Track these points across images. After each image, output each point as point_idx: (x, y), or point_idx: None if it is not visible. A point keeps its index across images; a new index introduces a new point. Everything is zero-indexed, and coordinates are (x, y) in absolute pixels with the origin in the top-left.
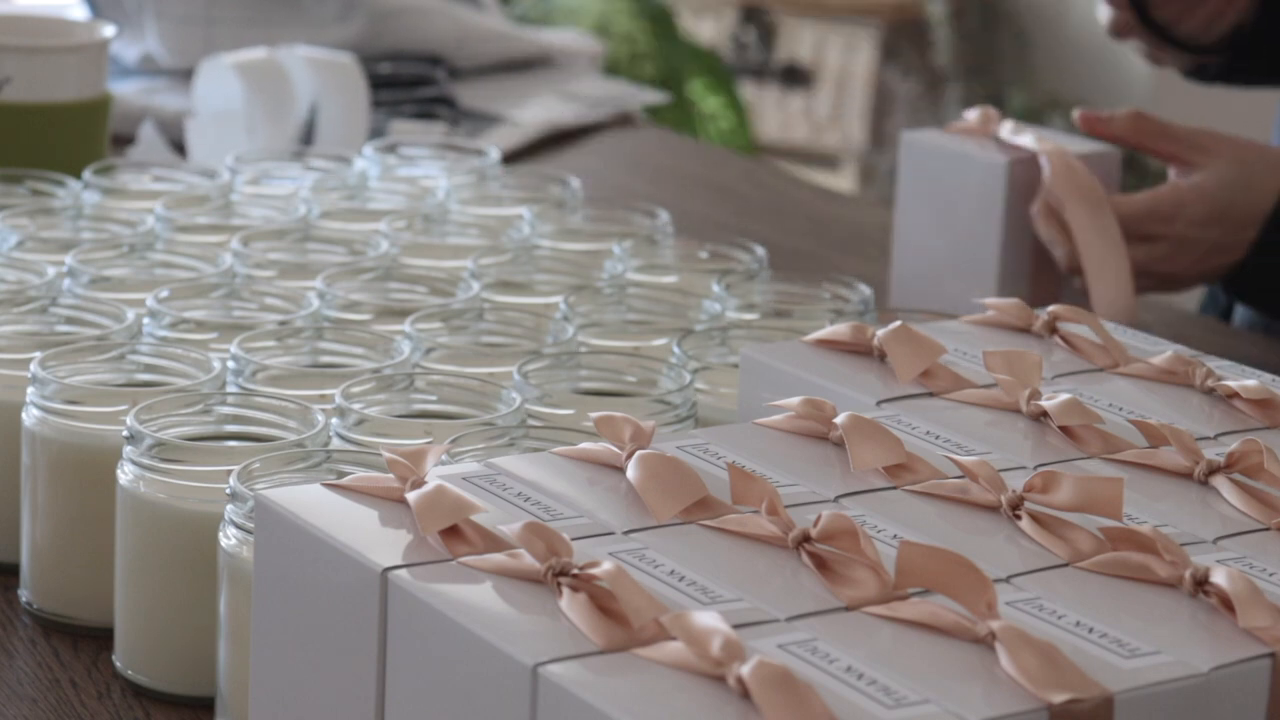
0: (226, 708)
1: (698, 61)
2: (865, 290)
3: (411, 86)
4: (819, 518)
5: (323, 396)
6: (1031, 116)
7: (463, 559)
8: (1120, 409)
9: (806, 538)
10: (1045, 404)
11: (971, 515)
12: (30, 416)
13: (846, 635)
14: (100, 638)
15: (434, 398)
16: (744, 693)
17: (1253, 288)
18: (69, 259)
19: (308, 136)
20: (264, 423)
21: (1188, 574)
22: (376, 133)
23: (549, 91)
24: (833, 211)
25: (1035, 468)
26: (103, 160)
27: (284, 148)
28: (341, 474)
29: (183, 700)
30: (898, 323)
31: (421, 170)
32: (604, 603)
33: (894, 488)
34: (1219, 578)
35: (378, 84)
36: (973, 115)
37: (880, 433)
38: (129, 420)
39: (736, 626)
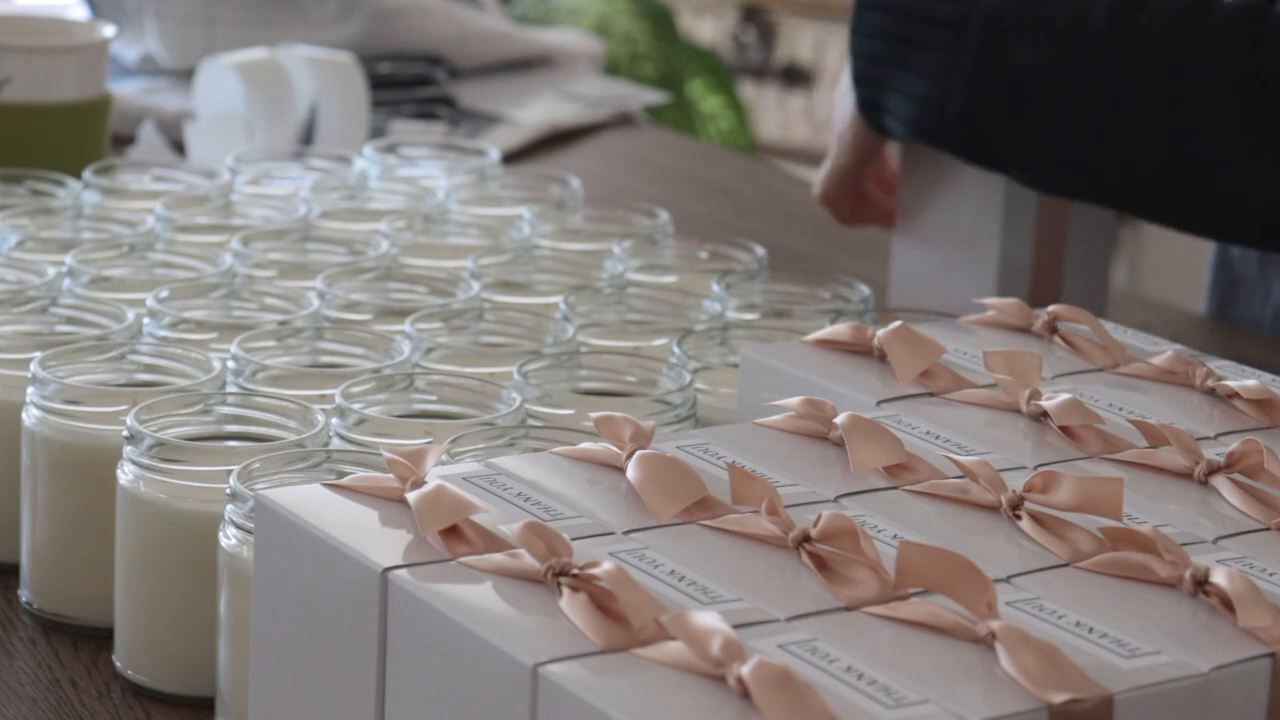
0: (226, 708)
1: (698, 61)
2: (865, 290)
3: (411, 86)
4: (819, 518)
5: (323, 396)
6: None
7: (463, 559)
8: (1120, 409)
9: (806, 538)
10: (1045, 404)
11: (971, 515)
12: (30, 416)
13: (846, 635)
14: (100, 638)
15: (434, 398)
16: (744, 693)
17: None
18: (69, 259)
19: (308, 136)
20: (264, 423)
21: (1188, 574)
22: (376, 133)
23: (549, 91)
24: None
25: (1035, 468)
26: (103, 160)
27: (284, 148)
28: (341, 474)
29: (183, 700)
30: (898, 323)
31: (421, 170)
32: (604, 603)
33: (894, 488)
34: (1219, 578)
35: (378, 84)
36: None
37: (880, 433)
38: (129, 420)
39: (736, 626)
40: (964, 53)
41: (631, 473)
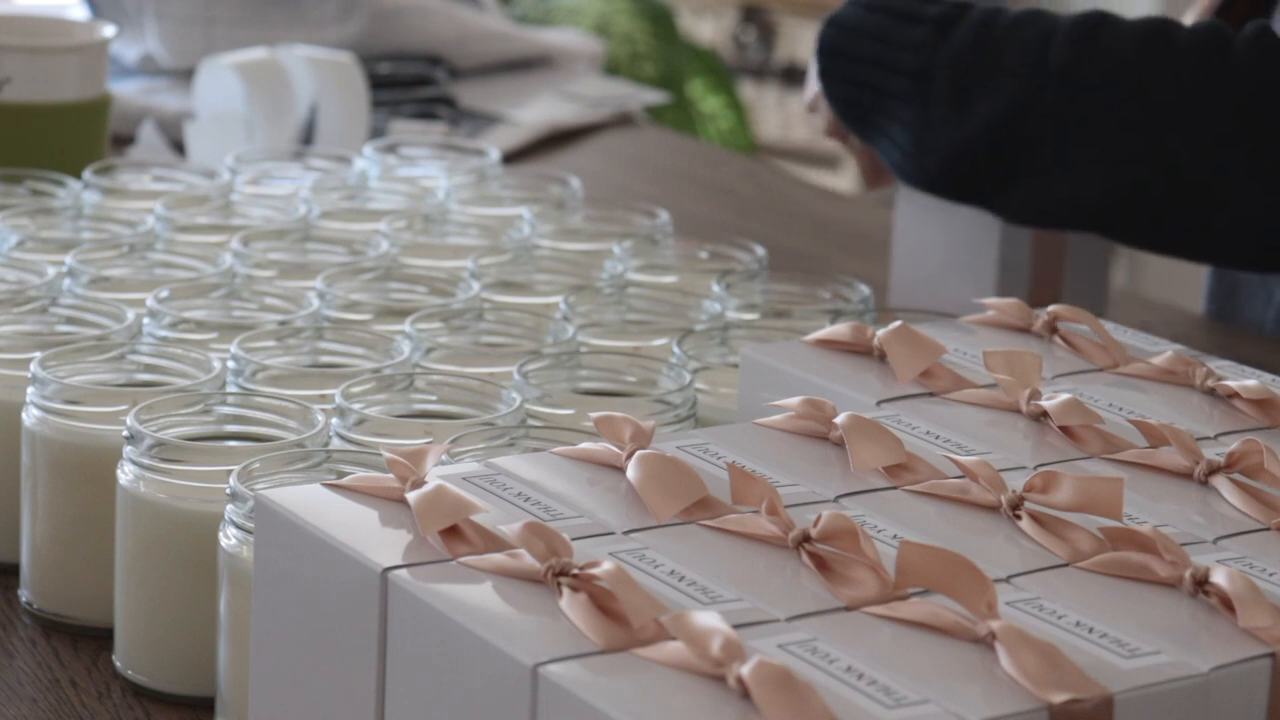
0: (226, 708)
1: (698, 61)
2: (865, 290)
3: (411, 86)
4: (819, 518)
5: (323, 396)
6: None
7: (463, 559)
8: (1120, 409)
9: (806, 538)
10: (1045, 404)
11: (971, 515)
12: (30, 416)
13: (846, 635)
14: (100, 638)
15: (434, 398)
16: (744, 693)
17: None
18: (69, 259)
19: (308, 136)
20: (264, 423)
21: (1188, 574)
22: (376, 133)
23: (549, 91)
24: (833, 211)
25: (1035, 468)
26: (103, 160)
27: (284, 148)
28: (341, 474)
29: (183, 700)
30: (898, 323)
31: (421, 170)
32: (604, 603)
33: (894, 488)
34: (1219, 578)
35: (378, 84)
36: None
37: (880, 433)
38: (129, 420)
39: (736, 626)
40: (932, 108)
41: (631, 473)
